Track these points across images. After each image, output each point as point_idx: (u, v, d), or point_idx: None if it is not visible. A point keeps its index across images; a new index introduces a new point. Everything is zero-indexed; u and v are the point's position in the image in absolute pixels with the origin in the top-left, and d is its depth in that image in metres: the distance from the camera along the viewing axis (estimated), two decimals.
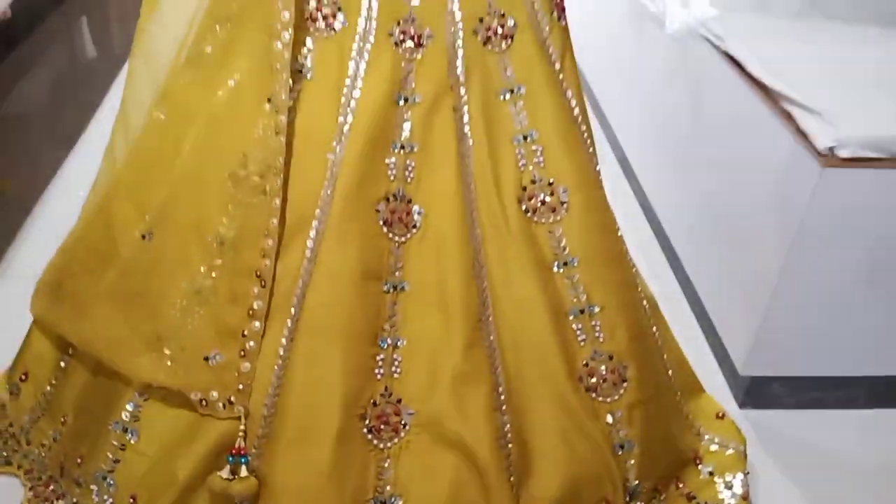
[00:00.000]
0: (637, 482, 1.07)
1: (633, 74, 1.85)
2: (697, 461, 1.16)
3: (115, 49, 2.70)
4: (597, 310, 1.05)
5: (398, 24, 0.99)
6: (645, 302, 1.14)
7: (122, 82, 2.34)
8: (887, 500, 1.22)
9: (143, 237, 1.02)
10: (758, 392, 1.30)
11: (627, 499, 1.06)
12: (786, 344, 1.25)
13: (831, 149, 1.04)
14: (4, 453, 1.11)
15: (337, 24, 1.00)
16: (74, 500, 1.02)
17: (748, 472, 1.16)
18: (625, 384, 1.06)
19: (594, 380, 1.05)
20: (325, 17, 1.00)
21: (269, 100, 0.96)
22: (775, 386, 1.30)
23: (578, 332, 1.05)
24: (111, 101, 2.14)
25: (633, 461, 1.06)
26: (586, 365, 1.05)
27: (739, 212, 1.29)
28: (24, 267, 1.49)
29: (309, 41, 0.99)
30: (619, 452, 1.05)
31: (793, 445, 1.28)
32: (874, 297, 1.21)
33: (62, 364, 1.08)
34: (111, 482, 0.98)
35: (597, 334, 1.06)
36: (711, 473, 1.16)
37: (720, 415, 1.22)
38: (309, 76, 0.99)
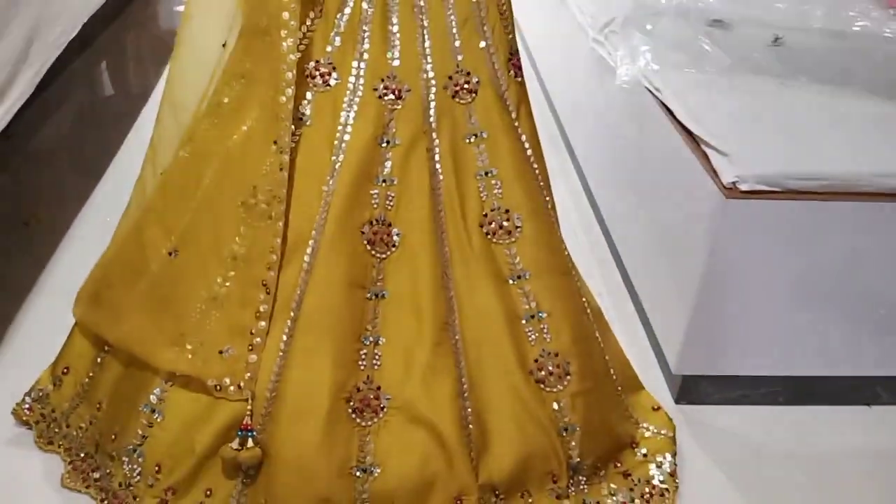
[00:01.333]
0: (579, 460, 1.25)
1: (595, 116, 2.09)
2: (634, 445, 1.36)
3: (132, 89, 2.93)
4: (545, 315, 1.25)
5: (382, 80, 1.21)
6: (588, 309, 1.34)
7: (139, 120, 2.58)
8: (800, 484, 1.41)
9: (170, 254, 1.23)
10: (689, 389, 1.50)
11: (571, 473, 1.26)
12: (712, 347, 1.45)
13: (733, 183, 1.27)
14: (48, 435, 1.31)
15: (331, 81, 1.22)
16: (108, 470, 1.21)
17: (676, 454, 1.36)
18: (568, 377, 1.26)
19: (542, 373, 1.23)
20: (321, 75, 1.22)
21: (275, 142, 1.18)
22: (704, 384, 1.51)
23: (529, 334, 1.25)
24: (131, 136, 2.34)
25: (574, 442, 1.24)
26: (536, 361, 1.23)
27: (672, 233, 1.51)
28: (56, 284, 1.69)
29: (308, 94, 1.21)
30: (564, 434, 1.23)
31: (720, 437, 1.47)
32: (785, 306, 1.42)
33: (98, 360, 1.28)
34: (140, 454, 1.18)
35: (545, 336, 1.25)
36: (645, 455, 1.35)
37: (655, 407, 1.43)
38: (308, 123, 1.21)
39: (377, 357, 1.19)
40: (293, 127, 1.17)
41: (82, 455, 1.26)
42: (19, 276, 1.68)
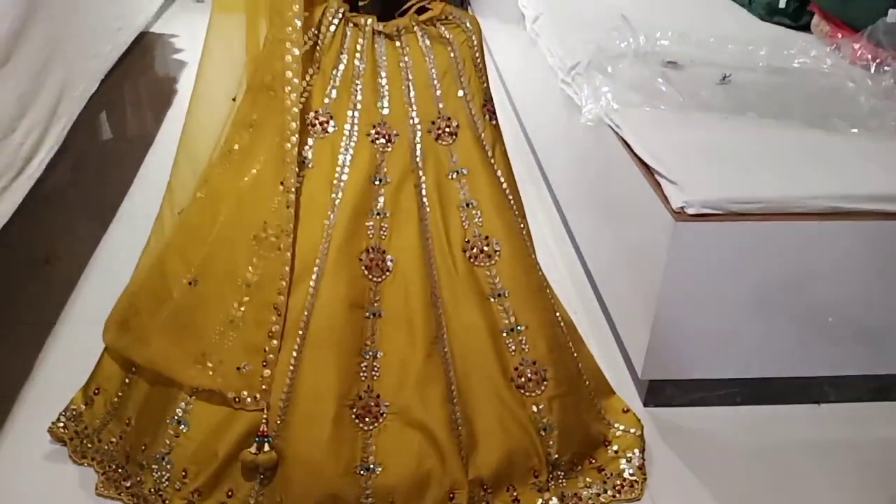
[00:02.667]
0: (557, 456, 1.41)
1: (566, 149, 2.28)
2: (606, 443, 1.51)
3: (133, 134, 3.08)
4: (522, 328, 1.41)
5: (374, 127, 1.39)
6: (562, 322, 1.50)
7: (144, 164, 2.73)
8: (757, 475, 1.57)
9: (190, 283, 1.39)
10: (656, 393, 1.67)
11: (550, 469, 1.41)
12: (674, 354, 1.62)
13: (682, 208, 1.45)
14: (81, 450, 1.45)
15: (329, 128, 1.39)
16: (138, 478, 1.35)
17: (644, 450, 1.52)
18: (545, 383, 1.42)
19: (522, 380, 1.39)
20: (321, 123, 1.39)
21: (281, 183, 1.34)
22: (669, 388, 1.67)
23: (509, 345, 1.41)
24: (137, 180, 2.48)
25: (553, 441, 1.40)
26: (516, 369, 1.39)
27: (634, 253, 1.69)
28: (79, 315, 1.83)
29: (310, 140, 1.38)
30: (543, 434, 1.39)
31: (685, 435, 1.62)
32: (737, 315, 1.59)
33: (126, 380, 1.43)
34: (168, 461, 1.32)
35: (523, 346, 1.41)
36: (616, 452, 1.51)
37: (625, 409, 1.58)
38: (310, 165, 1.37)
39: (376, 369, 1.35)
40: (297, 169, 1.34)
41: (114, 466, 1.40)
42: (45, 308, 1.83)
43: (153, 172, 2.48)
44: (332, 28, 1.38)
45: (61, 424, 1.48)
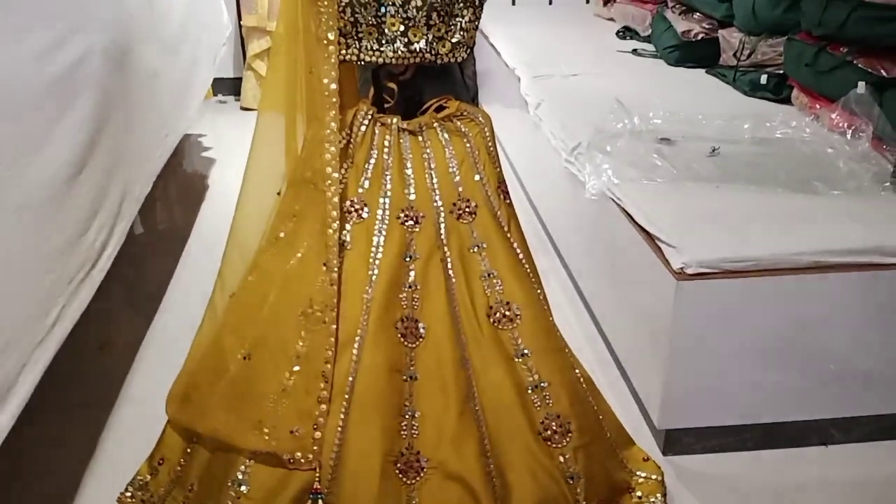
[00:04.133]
0: (585, 503, 1.54)
1: (573, 222, 2.47)
2: (630, 490, 1.62)
3: (165, 227, 3.28)
4: (546, 385, 1.54)
5: (402, 211, 1.56)
6: (581, 378, 1.64)
7: (183, 256, 2.90)
8: None
9: (245, 358, 1.55)
10: (673, 442, 1.79)
11: None
12: (688, 404, 1.74)
13: (681, 268, 1.62)
14: None
15: (364, 214, 1.56)
16: None
17: (665, 494, 1.63)
18: (570, 435, 1.54)
19: (548, 432, 1.51)
20: (356, 210, 1.57)
21: (324, 264, 1.52)
22: (685, 436, 1.79)
23: (535, 401, 1.54)
24: (178, 270, 2.66)
25: (580, 489, 1.51)
26: (542, 423, 1.51)
27: (642, 311, 1.84)
28: (136, 395, 1.98)
29: (347, 225, 1.55)
30: (570, 482, 1.50)
31: (704, 481, 1.72)
32: (743, 364, 1.73)
33: (188, 449, 1.57)
34: None
35: (547, 401, 1.54)
36: (640, 497, 1.62)
37: (645, 458, 1.70)
38: (349, 247, 1.54)
39: (415, 427, 1.48)
40: (337, 251, 1.52)
41: None
42: (103, 390, 1.99)
43: (192, 264, 2.67)
44: (363, 128, 1.58)
45: (129, 494, 1.61)
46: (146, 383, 2.00)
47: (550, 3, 4.61)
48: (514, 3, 4.54)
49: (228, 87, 4.51)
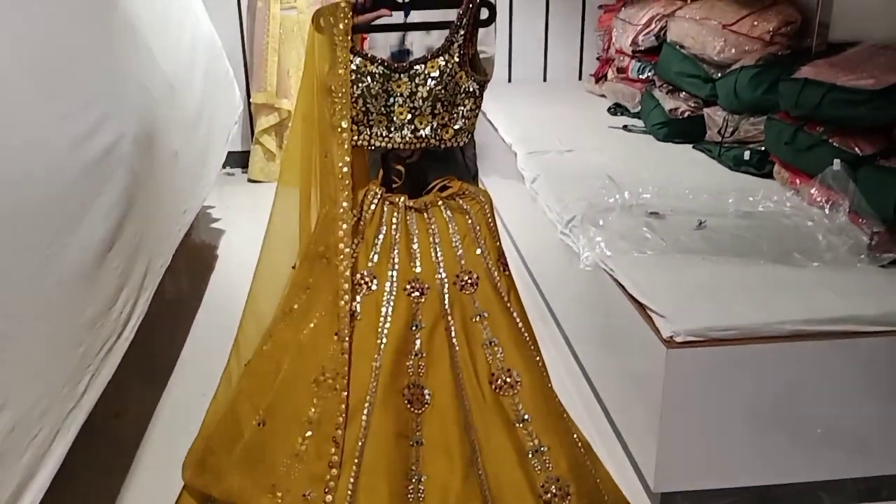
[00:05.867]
0: None
1: (569, 291, 2.58)
2: None
3: (173, 296, 3.37)
4: (545, 449, 1.62)
5: (409, 283, 1.68)
6: (580, 443, 1.72)
7: (194, 325, 2.97)
8: None
9: (259, 424, 1.63)
10: None
11: None
12: (681, 467, 1.82)
13: (671, 337, 1.73)
14: None
15: (373, 286, 1.67)
16: None
17: None
18: (569, 497, 1.60)
19: (549, 495, 1.58)
20: (366, 283, 1.68)
21: (336, 334, 1.63)
22: (680, 499, 1.86)
23: (535, 465, 1.61)
24: (189, 340, 2.75)
25: None
26: (542, 486, 1.58)
27: (635, 377, 1.93)
28: (150, 462, 2.03)
29: (357, 297, 1.66)
30: None
31: None
32: (732, 429, 1.81)
33: None
34: None
35: (547, 465, 1.61)
36: None
37: None
38: (359, 317, 1.64)
39: (421, 491, 1.56)
40: (348, 321, 1.63)
41: None
42: (118, 457, 2.05)
43: (201, 333, 2.76)
44: (373, 206, 1.71)
45: None
46: (160, 450, 2.06)
47: (545, 80, 4.84)
48: (510, 81, 4.78)
49: (237, 159, 4.67)
